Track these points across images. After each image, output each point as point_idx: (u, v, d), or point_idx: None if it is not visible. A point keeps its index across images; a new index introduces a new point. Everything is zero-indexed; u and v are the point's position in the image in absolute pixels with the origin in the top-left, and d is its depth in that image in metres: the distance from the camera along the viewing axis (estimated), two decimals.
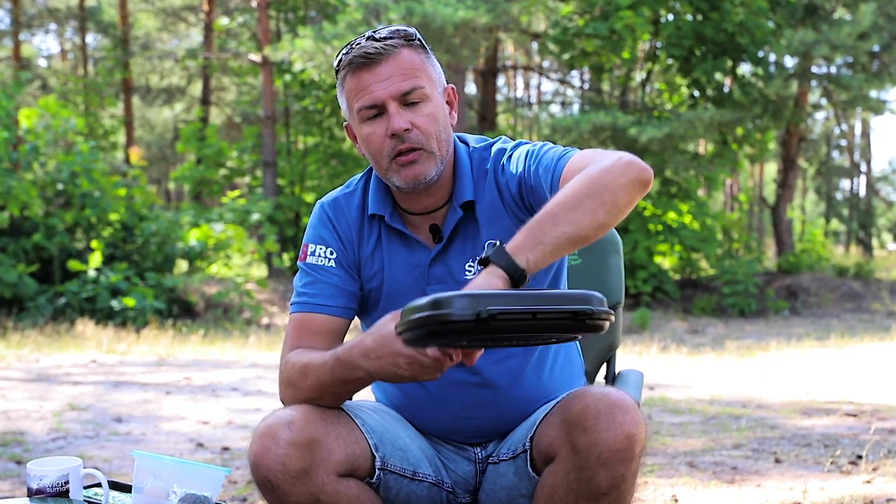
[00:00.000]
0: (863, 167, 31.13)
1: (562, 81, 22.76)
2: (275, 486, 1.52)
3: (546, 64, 22.91)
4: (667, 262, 16.60)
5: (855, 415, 4.87)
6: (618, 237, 2.18)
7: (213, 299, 13.31)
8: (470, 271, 1.72)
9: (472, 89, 20.67)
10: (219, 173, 18.63)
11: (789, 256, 17.38)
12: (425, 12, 13.29)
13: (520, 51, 22.79)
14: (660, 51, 16.09)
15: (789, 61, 16.44)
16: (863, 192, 32.77)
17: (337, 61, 1.69)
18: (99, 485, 1.89)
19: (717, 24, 14.96)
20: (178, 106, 26.33)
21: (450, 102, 1.74)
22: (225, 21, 21.22)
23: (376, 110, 1.65)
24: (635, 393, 1.95)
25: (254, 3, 18.92)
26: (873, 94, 17.31)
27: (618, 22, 14.49)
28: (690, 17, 15.55)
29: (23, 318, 11.04)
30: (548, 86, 30.55)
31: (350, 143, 17.09)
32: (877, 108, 17.86)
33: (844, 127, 26.11)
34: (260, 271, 16.91)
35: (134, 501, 1.75)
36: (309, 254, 1.77)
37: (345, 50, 1.68)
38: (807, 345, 9.78)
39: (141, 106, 25.27)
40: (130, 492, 1.85)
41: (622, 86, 17.34)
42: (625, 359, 7.70)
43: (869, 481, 3.28)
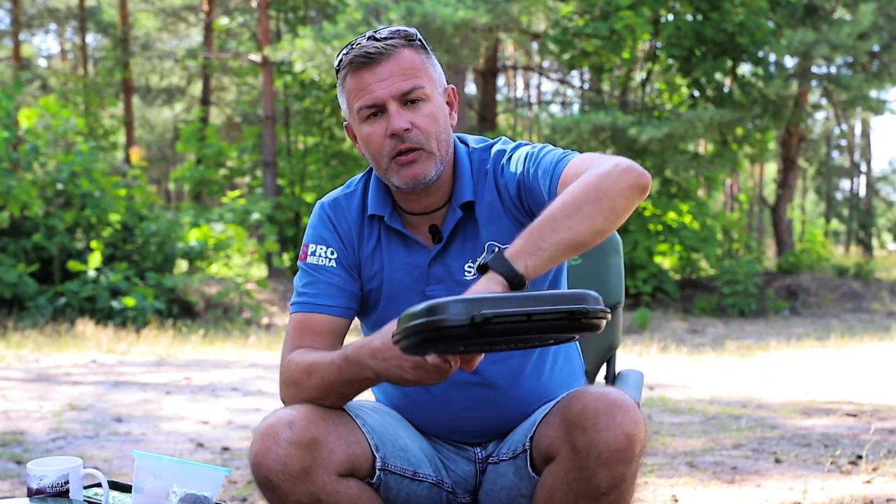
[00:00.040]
0: (863, 167, 31.13)
1: (562, 81, 22.76)
2: (275, 485, 1.52)
3: (546, 64, 22.91)
4: (667, 262, 16.59)
5: (855, 415, 4.88)
6: (618, 237, 2.18)
7: (213, 299, 13.30)
8: (469, 272, 1.72)
9: (472, 89, 20.66)
10: (219, 173, 18.62)
11: (789, 256, 17.38)
12: (425, 12, 13.29)
13: (520, 51, 22.78)
14: (660, 51, 16.09)
15: (789, 61, 16.44)
16: (863, 192, 32.78)
17: (337, 61, 1.69)
18: (99, 485, 1.89)
19: (717, 24, 14.96)
20: (178, 106, 26.33)
21: (450, 103, 1.74)
22: (225, 21, 21.21)
23: (376, 110, 1.65)
24: (635, 393, 1.95)
25: (254, 3, 18.92)
26: (873, 94, 17.31)
27: (618, 22, 14.49)
28: (690, 17, 15.55)
29: (23, 318, 11.03)
30: (548, 86, 30.57)
31: (350, 143, 17.07)
32: (877, 108, 17.86)
33: (844, 127, 26.11)
34: (260, 271, 16.90)
35: (134, 501, 1.76)
36: (309, 254, 1.77)
37: (345, 50, 1.68)
38: (807, 345, 9.78)
39: (141, 106, 25.26)
40: (130, 492, 1.85)
41: (622, 86, 17.33)
42: (625, 359, 7.69)
43: (869, 481, 3.28)
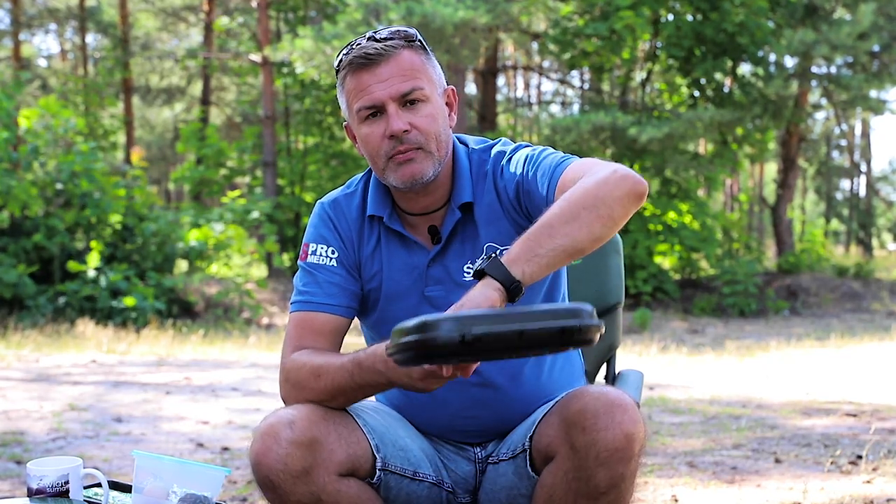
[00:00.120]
0: (863, 167, 31.12)
1: (562, 81, 22.75)
2: (276, 485, 1.52)
3: (546, 64, 22.90)
4: (667, 262, 16.59)
5: (855, 415, 4.88)
6: (618, 237, 2.18)
7: (213, 299, 13.30)
8: (468, 273, 1.71)
9: (472, 89, 20.66)
10: (219, 173, 18.61)
11: (789, 256, 17.37)
12: (425, 12, 13.28)
13: (520, 51, 22.77)
14: (660, 51, 16.09)
15: (789, 61, 16.44)
16: (863, 192, 32.77)
17: (337, 61, 1.69)
18: (99, 485, 1.89)
19: (717, 24, 14.96)
20: (178, 106, 26.32)
21: (449, 104, 1.74)
22: (225, 21, 21.21)
23: (375, 111, 1.65)
24: (635, 393, 1.95)
25: (254, 3, 18.92)
26: (873, 94, 17.31)
27: (618, 22, 14.49)
28: (690, 17, 15.55)
29: (23, 318, 11.03)
30: (548, 86, 30.56)
31: (350, 143, 17.09)
32: (877, 108, 17.86)
33: (844, 127, 26.10)
34: (260, 271, 16.90)
35: (134, 501, 1.76)
36: (310, 253, 1.77)
37: (345, 50, 1.68)
38: (807, 345, 9.78)
39: (141, 106, 25.26)
40: (130, 492, 1.85)
41: (622, 86, 17.33)
42: (625, 359, 7.69)
43: (869, 481, 3.28)
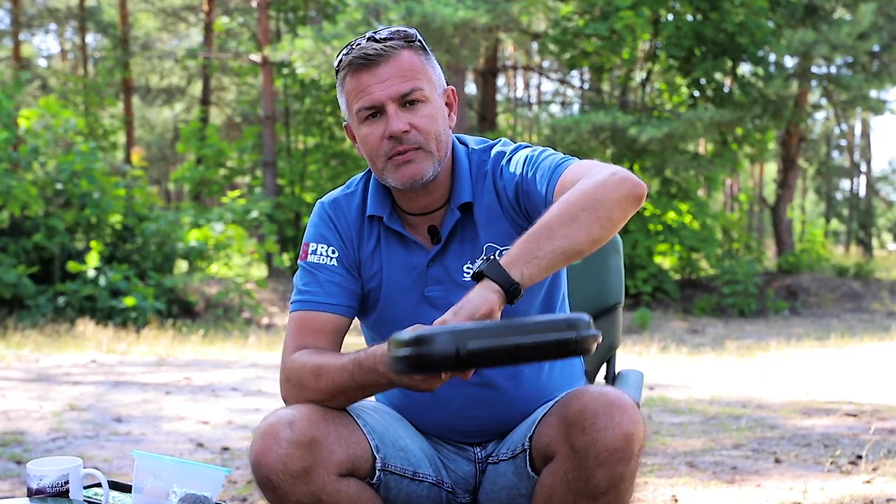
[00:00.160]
0: (863, 167, 31.12)
1: (562, 81, 22.75)
2: (276, 485, 1.52)
3: (546, 64, 22.90)
4: (667, 262, 16.59)
5: (855, 415, 4.88)
6: (618, 237, 2.17)
7: (213, 299, 13.30)
8: (468, 273, 1.71)
9: (472, 89, 20.66)
10: (219, 173, 18.62)
11: (789, 256, 17.37)
12: (425, 12, 13.28)
13: (520, 51, 22.77)
14: (660, 51, 16.09)
15: (789, 61, 16.44)
16: (863, 192, 32.77)
17: (337, 62, 1.69)
18: (99, 485, 1.89)
19: (717, 24, 14.96)
20: (178, 106, 26.32)
21: (449, 104, 1.74)
22: (225, 21, 21.21)
23: (375, 111, 1.65)
24: (635, 393, 1.95)
25: (254, 3, 18.91)
26: (873, 94, 17.31)
27: (618, 22, 14.49)
28: (690, 17, 15.55)
29: (23, 318, 11.03)
30: (548, 86, 30.55)
31: (350, 143, 17.10)
32: (877, 108, 17.86)
33: (844, 127, 26.10)
34: (260, 271, 16.90)
35: (134, 501, 1.76)
36: (310, 252, 1.77)
37: (345, 50, 1.68)
38: (807, 345, 9.77)
39: (141, 106, 25.26)
40: (130, 492, 1.85)
41: (622, 86, 17.33)
42: (625, 359, 7.69)
43: (869, 481, 3.28)
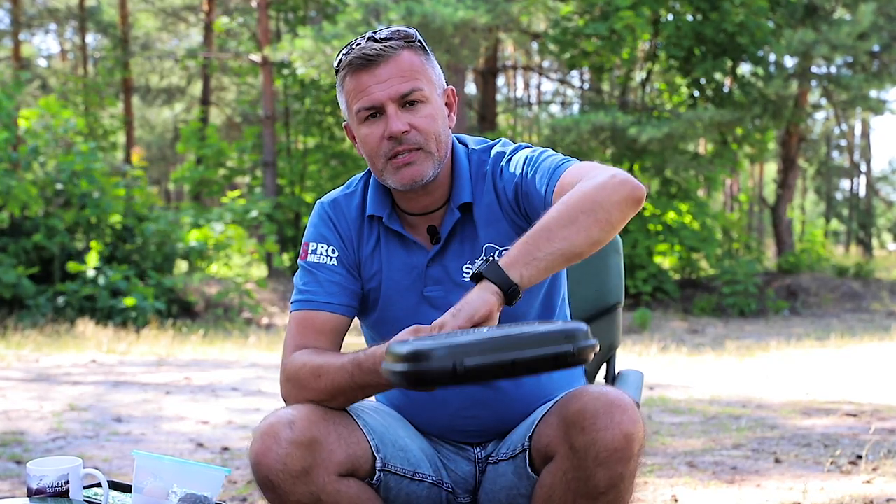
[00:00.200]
0: (863, 167, 31.12)
1: (562, 81, 22.75)
2: (275, 485, 1.52)
3: (546, 64, 22.90)
4: (667, 262, 16.59)
5: (855, 415, 4.87)
6: (617, 237, 2.17)
7: (213, 299, 13.30)
8: (467, 273, 1.72)
9: (471, 89, 20.66)
10: (219, 173, 18.62)
11: (789, 256, 17.37)
12: (425, 12, 13.28)
13: (520, 51, 22.77)
14: (660, 51, 16.08)
15: (789, 61, 16.43)
16: (863, 192, 32.77)
17: (337, 62, 1.69)
18: (99, 485, 1.89)
19: (717, 24, 14.96)
20: (178, 106, 26.32)
21: (449, 104, 1.74)
22: (225, 21, 21.21)
23: (375, 111, 1.65)
24: (635, 393, 1.95)
25: (254, 3, 18.91)
26: (873, 94, 17.30)
27: (618, 22, 14.49)
28: (690, 17, 15.55)
29: (23, 318, 11.03)
30: (548, 86, 30.56)
31: (350, 143, 17.10)
32: (877, 108, 17.85)
33: (844, 127, 26.10)
34: (260, 271, 16.90)
35: (134, 501, 1.76)
36: (310, 252, 1.77)
37: (345, 50, 1.68)
38: (807, 345, 9.77)
39: (141, 106, 25.26)
40: (130, 492, 1.86)
41: (622, 86, 17.33)
42: (625, 359, 7.69)
43: (869, 481, 3.28)
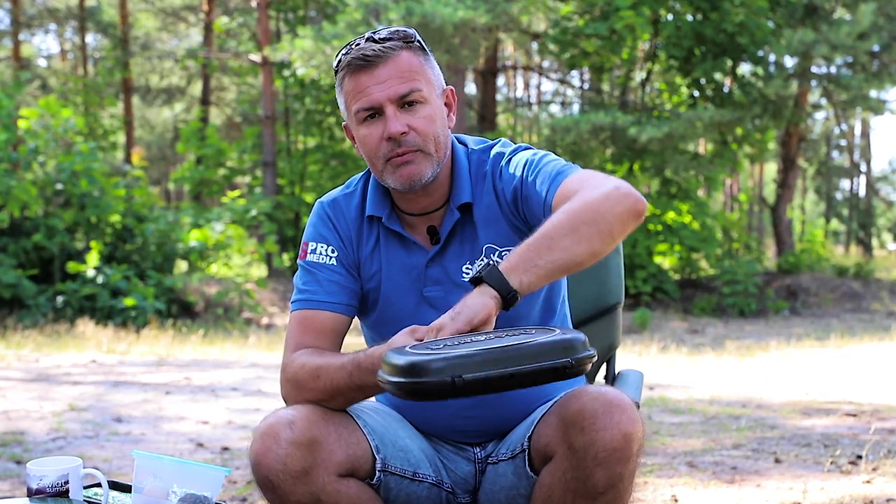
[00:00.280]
0: (863, 167, 31.11)
1: (562, 81, 22.74)
2: (275, 485, 1.52)
3: (546, 64, 22.90)
4: (667, 262, 16.59)
5: (855, 415, 4.87)
6: None
7: (213, 299, 13.30)
8: (467, 274, 1.72)
9: (471, 89, 20.65)
10: (219, 173, 18.62)
11: (789, 256, 17.37)
12: (425, 12, 13.28)
13: (520, 51, 22.77)
14: (660, 51, 16.08)
15: (789, 61, 16.42)
16: (863, 192, 32.76)
17: (336, 62, 1.70)
18: (99, 485, 1.89)
19: (717, 24, 14.96)
20: (178, 106, 26.32)
21: (448, 104, 1.74)
22: (225, 21, 21.21)
23: (373, 112, 1.66)
24: (635, 393, 1.95)
25: (254, 3, 18.91)
26: (873, 94, 17.29)
27: (618, 22, 14.48)
28: (690, 17, 15.54)
29: (23, 318, 11.03)
30: (548, 86, 30.54)
31: (350, 144, 17.10)
32: (877, 108, 17.84)
33: (844, 127, 26.09)
34: (260, 271, 16.90)
35: (134, 501, 1.76)
36: (309, 252, 1.77)
37: (344, 51, 1.68)
38: (807, 345, 9.77)
39: (141, 106, 25.26)
40: (130, 492, 1.85)
41: (622, 86, 17.33)
42: (625, 359, 7.69)
43: (869, 481, 3.28)
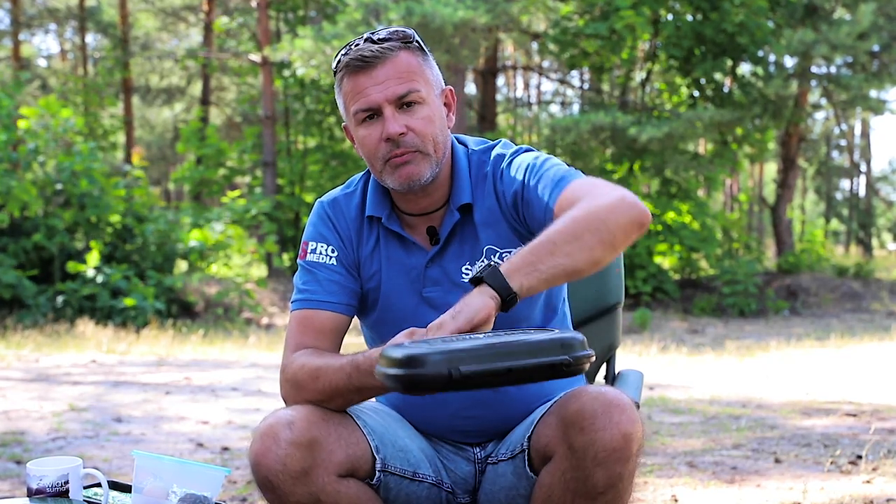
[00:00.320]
0: (863, 167, 31.12)
1: (562, 81, 22.75)
2: (275, 486, 1.52)
3: (546, 64, 22.90)
4: (667, 262, 16.59)
5: (855, 415, 4.88)
6: None
7: (213, 299, 13.30)
8: (467, 274, 1.72)
9: (471, 89, 20.66)
10: (219, 173, 18.62)
11: (789, 256, 17.37)
12: (425, 12, 13.28)
13: (520, 51, 22.77)
14: (660, 51, 16.08)
15: (789, 61, 16.43)
16: (863, 192, 32.77)
17: (335, 63, 1.69)
18: (99, 485, 1.89)
19: (717, 24, 14.96)
20: (178, 106, 26.33)
21: (448, 104, 1.74)
22: (225, 21, 21.21)
23: (372, 113, 1.65)
24: (635, 393, 1.95)
25: (254, 3, 18.92)
26: (873, 94, 17.30)
27: (618, 22, 14.48)
28: (690, 17, 15.55)
29: (23, 318, 11.03)
30: (548, 86, 30.55)
31: (350, 144, 17.11)
32: (877, 108, 17.85)
33: (844, 127, 26.10)
34: (260, 271, 16.90)
35: (134, 501, 1.76)
36: (309, 251, 1.77)
37: (343, 51, 1.68)
38: (807, 345, 9.77)
39: (141, 106, 25.26)
40: (130, 492, 1.86)
41: (622, 86, 17.33)
42: (625, 359, 7.69)
43: (869, 481, 3.28)
